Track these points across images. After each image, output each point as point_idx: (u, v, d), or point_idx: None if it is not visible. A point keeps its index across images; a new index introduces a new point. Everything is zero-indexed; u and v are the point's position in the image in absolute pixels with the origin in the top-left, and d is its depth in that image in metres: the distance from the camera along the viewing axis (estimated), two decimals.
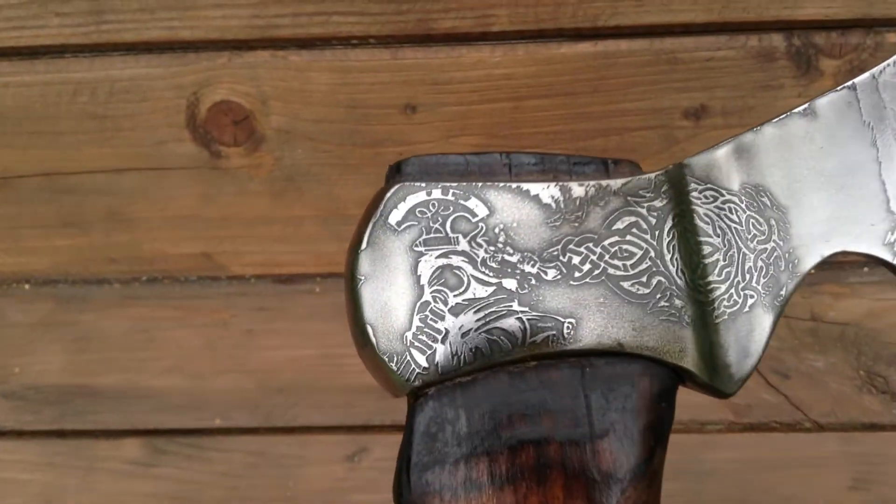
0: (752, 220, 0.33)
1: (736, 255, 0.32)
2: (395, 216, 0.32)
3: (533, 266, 0.32)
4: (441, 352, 0.31)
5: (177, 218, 0.71)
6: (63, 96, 0.66)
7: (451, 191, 0.32)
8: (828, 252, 0.33)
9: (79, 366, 0.71)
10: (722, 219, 0.33)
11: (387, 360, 0.31)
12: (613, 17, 0.62)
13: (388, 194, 0.32)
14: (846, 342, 0.68)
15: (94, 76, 0.66)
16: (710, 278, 0.32)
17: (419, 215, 0.32)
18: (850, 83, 0.34)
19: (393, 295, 0.31)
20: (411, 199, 0.32)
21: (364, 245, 0.32)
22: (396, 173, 0.34)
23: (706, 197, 0.33)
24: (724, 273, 0.32)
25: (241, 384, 0.69)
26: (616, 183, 0.33)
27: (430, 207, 0.32)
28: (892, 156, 0.33)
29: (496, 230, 0.32)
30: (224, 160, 0.68)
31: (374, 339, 0.31)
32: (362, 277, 0.32)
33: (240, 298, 0.72)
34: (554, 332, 0.32)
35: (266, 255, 0.72)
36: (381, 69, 0.65)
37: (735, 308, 0.32)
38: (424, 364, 0.31)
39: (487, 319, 0.32)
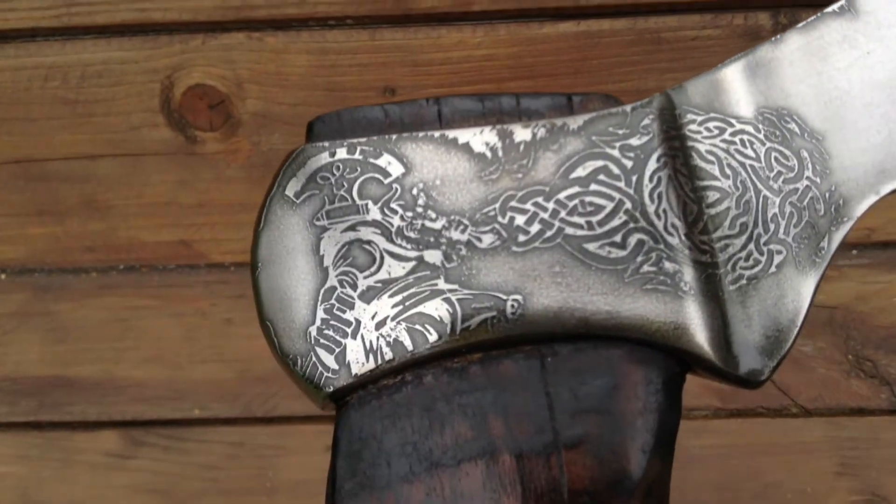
0: (774, 153, 0.26)
1: (754, 199, 0.26)
2: (292, 186, 0.26)
3: (462, 232, 0.26)
4: (352, 349, 0.25)
5: (154, 205, 0.70)
6: (34, 81, 0.65)
7: (360, 148, 0.26)
8: (886, 188, 0.26)
9: (56, 356, 0.69)
10: (732, 155, 0.26)
11: (290, 363, 0.25)
12: None
13: (287, 161, 0.27)
14: (834, 326, 0.67)
15: (65, 60, 0.64)
16: (718, 233, 0.25)
17: (321, 182, 0.26)
18: None
19: (293, 282, 0.26)
20: (312, 163, 0.26)
21: (261, 224, 0.26)
22: (308, 134, 0.28)
23: (709, 130, 0.26)
24: (737, 224, 0.25)
25: (221, 374, 0.68)
26: (576, 121, 0.26)
27: (334, 171, 0.26)
28: None
29: (414, 191, 0.26)
30: (200, 145, 0.67)
31: (275, 339, 0.26)
32: (259, 264, 0.26)
33: (219, 286, 0.71)
34: (494, 314, 0.25)
35: (245, 243, 0.70)
36: (359, 51, 0.63)
37: (756, 269, 0.25)
38: (333, 365, 0.25)
39: (406, 304, 0.25)
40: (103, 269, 0.72)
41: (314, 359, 0.25)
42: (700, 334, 0.25)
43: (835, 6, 0.26)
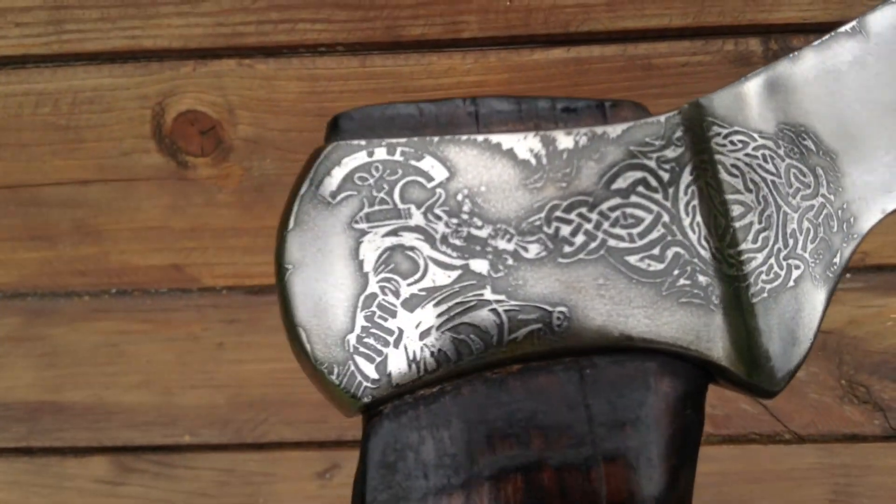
0: (793, 170, 0.26)
1: (775, 215, 0.26)
2: (328, 185, 0.25)
3: (509, 241, 0.25)
4: (394, 358, 0.24)
5: (145, 229, 0.70)
6: (25, 107, 0.65)
7: (400, 149, 0.25)
8: (891, 206, 0.27)
9: (47, 381, 0.69)
10: (755, 170, 0.26)
11: (326, 371, 0.25)
12: (585, 23, 0.61)
13: (320, 157, 0.25)
14: (828, 351, 0.67)
15: (56, 86, 0.64)
16: (743, 246, 0.26)
17: (359, 183, 0.25)
18: None
19: (329, 287, 0.25)
20: (348, 162, 0.25)
21: (291, 224, 0.25)
22: (333, 130, 0.26)
23: (733, 143, 0.26)
24: (760, 239, 0.26)
25: (212, 399, 0.67)
26: (615, 129, 0.26)
27: (374, 172, 0.25)
28: None
29: (459, 197, 0.25)
30: (192, 171, 0.67)
31: (308, 346, 0.25)
32: (290, 266, 0.25)
33: (211, 310, 0.71)
34: (540, 326, 0.25)
35: (237, 267, 0.71)
36: (349, 77, 0.63)
37: (777, 283, 0.26)
38: (373, 375, 0.25)
39: (452, 314, 0.25)
40: (95, 294, 0.72)
41: (353, 367, 0.25)
42: (727, 347, 0.26)
43: (847, 27, 0.27)
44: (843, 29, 0.27)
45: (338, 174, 0.25)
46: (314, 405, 0.67)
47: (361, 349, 0.25)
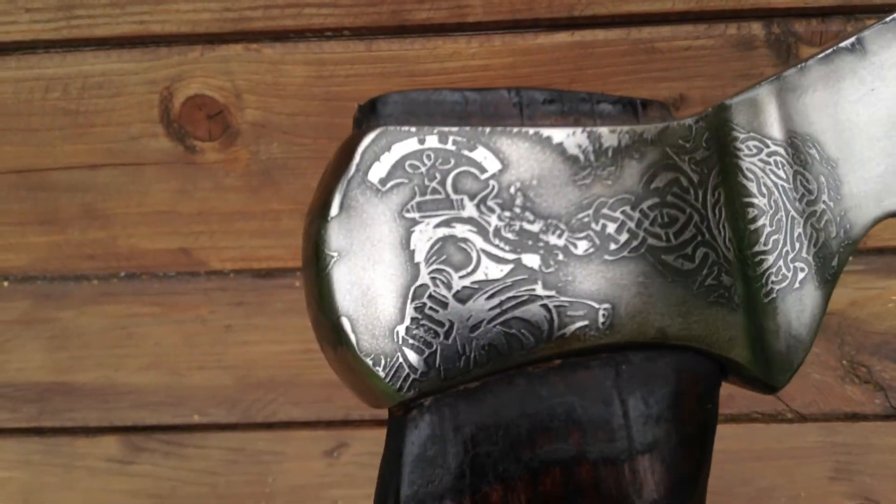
0: (799, 176, 0.27)
1: (784, 219, 0.27)
2: (376, 171, 0.24)
3: (560, 237, 0.25)
4: (444, 351, 0.24)
5: (154, 213, 0.70)
6: (35, 92, 0.66)
7: (452, 138, 0.25)
8: (879, 214, 0.28)
9: (57, 363, 0.70)
10: (767, 175, 0.27)
11: (371, 363, 0.24)
12: (590, 7, 0.61)
13: (367, 141, 0.24)
14: (829, 332, 0.68)
15: (65, 72, 0.65)
16: (757, 248, 0.27)
17: (410, 170, 0.24)
18: None
19: (378, 277, 0.24)
20: (398, 148, 0.24)
21: (335, 210, 0.24)
22: (371, 114, 0.26)
23: (749, 148, 0.27)
24: (770, 241, 0.27)
25: (220, 380, 0.68)
26: (652, 129, 0.26)
27: (425, 160, 0.25)
28: None
29: (512, 190, 0.25)
30: (199, 155, 0.68)
31: (352, 337, 0.24)
32: (334, 254, 0.24)
33: (218, 293, 0.72)
34: (587, 323, 0.25)
35: (244, 250, 0.71)
36: (356, 61, 0.64)
37: (784, 284, 0.27)
38: (422, 367, 0.24)
39: (504, 308, 0.24)
40: (104, 277, 0.73)
41: (401, 359, 0.24)
42: (744, 345, 0.27)
43: (847, 42, 0.28)
44: (843, 44, 0.28)
45: (387, 160, 0.24)
46: (321, 385, 0.67)
47: (410, 341, 0.24)
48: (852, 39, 0.28)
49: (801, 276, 0.27)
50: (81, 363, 0.70)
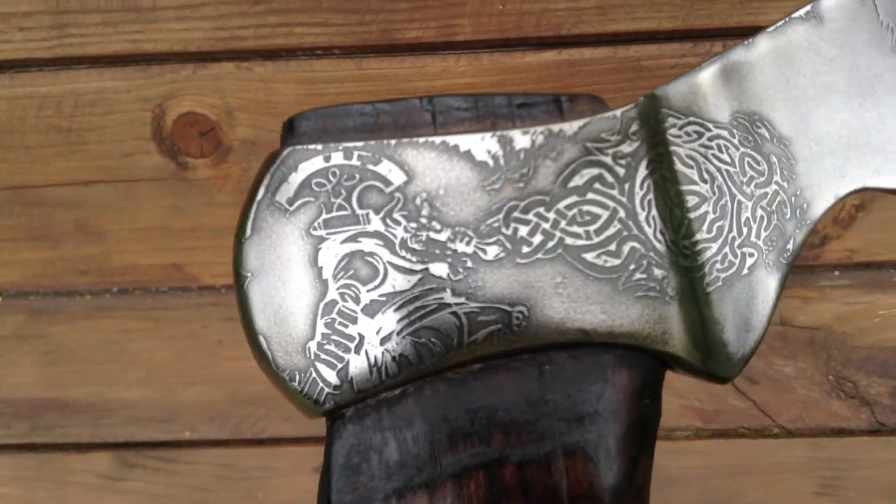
0: (747, 158, 0.26)
1: (729, 204, 0.26)
2: (284, 192, 0.25)
3: (468, 244, 0.25)
4: (355, 364, 0.25)
5: (146, 229, 0.71)
6: (29, 110, 0.66)
7: (357, 153, 0.25)
8: (844, 190, 0.27)
9: (50, 379, 0.71)
10: (709, 160, 0.26)
11: (287, 378, 0.25)
12: (577, 26, 0.62)
13: (276, 163, 0.25)
14: (815, 347, 0.68)
15: (59, 90, 0.65)
16: (698, 237, 0.26)
17: (316, 189, 0.25)
18: None
19: (289, 295, 0.25)
20: (305, 167, 0.25)
21: (248, 232, 0.25)
22: (289, 133, 0.26)
23: (688, 134, 0.26)
24: (714, 228, 0.26)
25: (211, 396, 0.69)
26: (571, 126, 0.26)
27: (331, 177, 0.25)
28: None
29: (418, 201, 0.25)
30: (191, 171, 0.68)
31: (268, 354, 0.25)
32: (248, 275, 0.25)
33: (210, 309, 0.72)
34: (499, 327, 0.25)
35: None
36: (346, 79, 0.64)
37: (731, 271, 0.26)
38: (335, 381, 0.25)
39: (413, 318, 0.25)
40: (97, 292, 0.73)
41: (314, 374, 0.25)
42: (683, 337, 0.26)
43: (801, 12, 0.27)
44: (796, 14, 0.27)
45: (294, 180, 0.25)
46: None
47: (323, 356, 0.25)
48: (807, 8, 0.27)
49: (749, 261, 0.26)
50: (74, 379, 0.70)
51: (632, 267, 0.26)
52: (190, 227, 0.70)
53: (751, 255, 0.26)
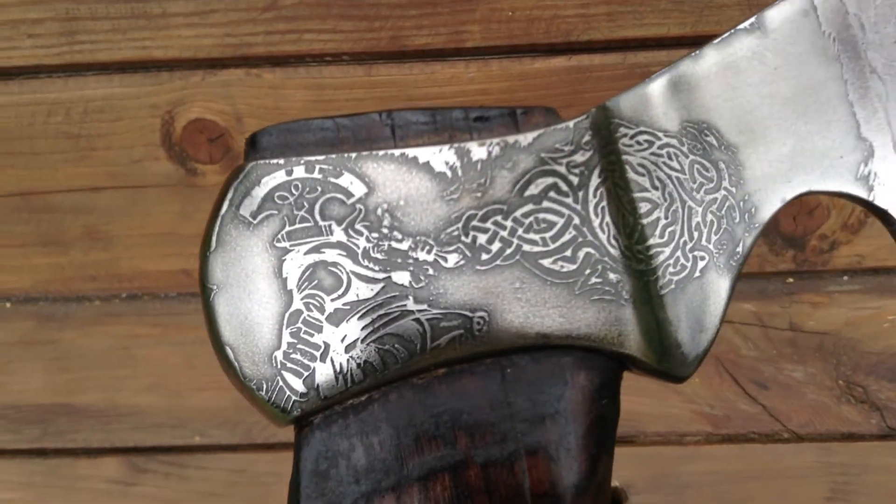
0: (696, 165, 0.27)
1: (680, 210, 0.27)
2: (248, 205, 0.26)
3: (428, 252, 0.26)
4: (321, 372, 0.25)
5: (155, 235, 0.71)
6: (38, 116, 0.66)
7: (318, 167, 0.26)
8: (790, 194, 0.28)
9: (59, 384, 0.71)
10: (660, 168, 0.27)
11: (255, 387, 0.26)
12: (586, 32, 0.62)
13: (238, 178, 0.26)
14: (825, 352, 0.68)
15: (68, 96, 0.66)
16: (651, 241, 0.27)
17: (279, 202, 0.26)
18: None
19: (254, 306, 0.25)
20: (267, 181, 0.26)
21: (213, 245, 0.26)
22: (252, 148, 0.27)
23: (639, 143, 0.27)
24: (666, 233, 0.27)
25: (221, 401, 0.69)
26: (526, 138, 0.27)
27: (293, 190, 0.26)
28: (859, 72, 0.28)
29: (379, 212, 0.26)
30: (200, 177, 0.68)
31: (236, 364, 0.26)
32: (214, 287, 0.26)
33: None
34: (461, 332, 0.26)
35: None
36: (355, 86, 0.65)
37: (683, 274, 0.27)
38: (301, 389, 0.25)
39: (377, 325, 0.26)
40: (106, 298, 0.73)
41: (281, 383, 0.25)
42: (638, 338, 0.27)
43: (746, 24, 0.28)
44: (742, 26, 0.28)
45: (258, 194, 0.26)
46: None
47: (289, 365, 0.25)
48: (752, 20, 0.28)
49: (701, 264, 0.27)
50: (83, 384, 0.71)
51: (587, 272, 0.27)
52: (198, 233, 0.69)
53: (702, 258, 0.27)
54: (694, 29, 0.62)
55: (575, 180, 0.27)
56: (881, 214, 0.29)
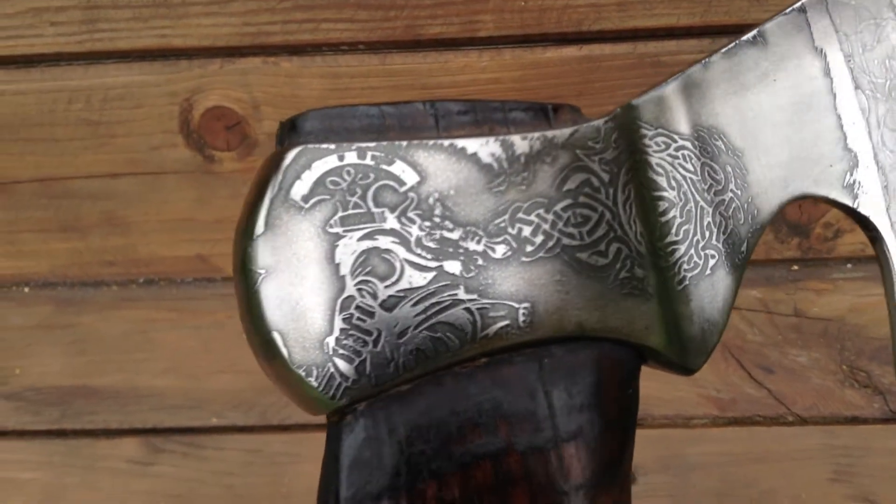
0: (707, 168, 0.29)
1: (693, 209, 0.28)
2: (299, 189, 0.25)
3: (478, 242, 0.26)
4: (373, 359, 0.25)
5: (172, 221, 0.72)
6: (59, 103, 0.68)
7: (370, 153, 0.26)
8: (786, 198, 0.29)
9: (78, 367, 0.72)
10: (676, 168, 0.28)
11: (303, 374, 0.25)
12: (597, 22, 0.63)
13: (287, 160, 0.25)
14: (829, 337, 0.70)
15: (88, 83, 0.67)
16: (669, 239, 0.28)
17: (331, 187, 0.25)
18: (798, 4, 0.30)
19: (306, 291, 0.25)
20: (319, 165, 0.25)
21: (261, 228, 0.25)
22: (292, 132, 0.27)
23: (658, 144, 0.28)
24: (682, 232, 0.28)
25: (237, 384, 0.70)
26: (562, 134, 0.27)
27: (345, 176, 0.25)
28: (845, 86, 0.30)
29: (430, 201, 0.26)
30: (217, 164, 0.69)
31: (284, 351, 0.25)
32: (262, 271, 0.25)
33: (234, 299, 0.73)
34: (508, 322, 0.26)
35: None
36: (370, 74, 0.66)
37: (696, 271, 0.28)
38: (353, 375, 0.25)
39: (429, 313, 0.26)
40: (123, 283, 0.74)
41: (332, 369, 0.25)
42: (660, 332, 0.28)
43: (748, 36, 0.29)
44: (745, 38, 0.29)
45: (308, 178, 0.25)
46: None
47: (341, 351, 0.25)
48: (754, 32, 0.29)
49: (711, 262, 0.28)
50: (102, 367, 0.72)
51: (618, 266, 0.28)
52: (215, 219, 0.72)
53: (712, 256, 0.28)
54: (703, 19, 0.63)
55: (606, 177, 0.28)
56: (862, 221, 0.31)
